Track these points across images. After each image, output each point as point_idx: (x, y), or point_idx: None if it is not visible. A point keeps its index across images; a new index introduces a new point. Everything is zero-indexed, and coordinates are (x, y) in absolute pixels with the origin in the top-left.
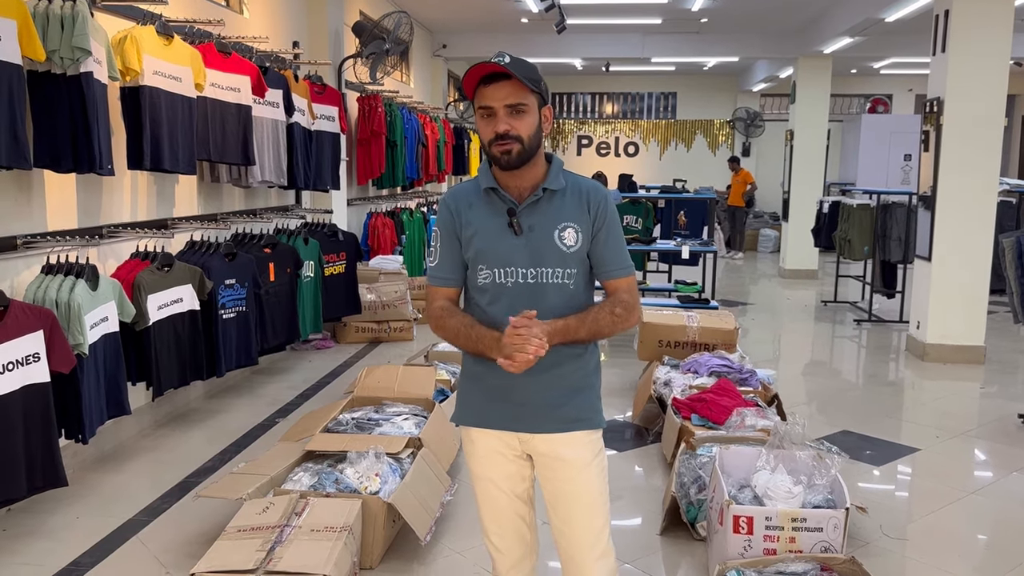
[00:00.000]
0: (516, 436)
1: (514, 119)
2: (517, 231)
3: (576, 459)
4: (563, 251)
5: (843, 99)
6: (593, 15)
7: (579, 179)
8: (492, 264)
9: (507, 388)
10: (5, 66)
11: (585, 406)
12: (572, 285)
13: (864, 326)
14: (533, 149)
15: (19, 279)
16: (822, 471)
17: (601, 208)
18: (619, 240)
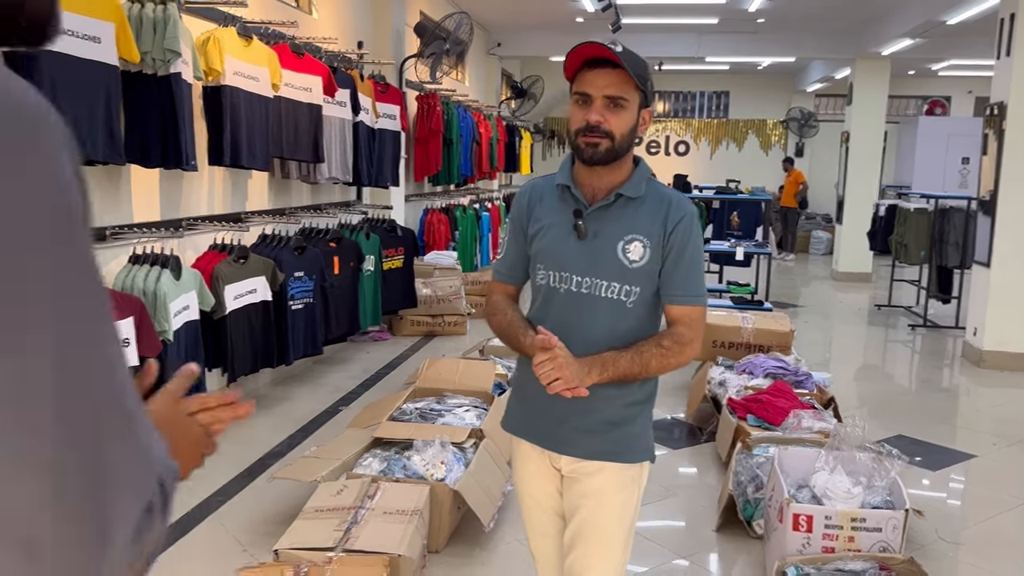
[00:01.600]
0: (549, 453)
1: (610, 112)
2: (581, 235)
3: (596, 491)
4: (624, 265)
5: (900, 100)
6: (649, 15)
7: (664, 190)
8: (549, 265)
9: (545, 404)
10: (103, 67)
11: (620, 439)
12: (630, 305)
13: (919, 331)
14: (623, 149)
15: (107, 268)
16: (881, 473)
17: (681, 225)
18: (692, 264)
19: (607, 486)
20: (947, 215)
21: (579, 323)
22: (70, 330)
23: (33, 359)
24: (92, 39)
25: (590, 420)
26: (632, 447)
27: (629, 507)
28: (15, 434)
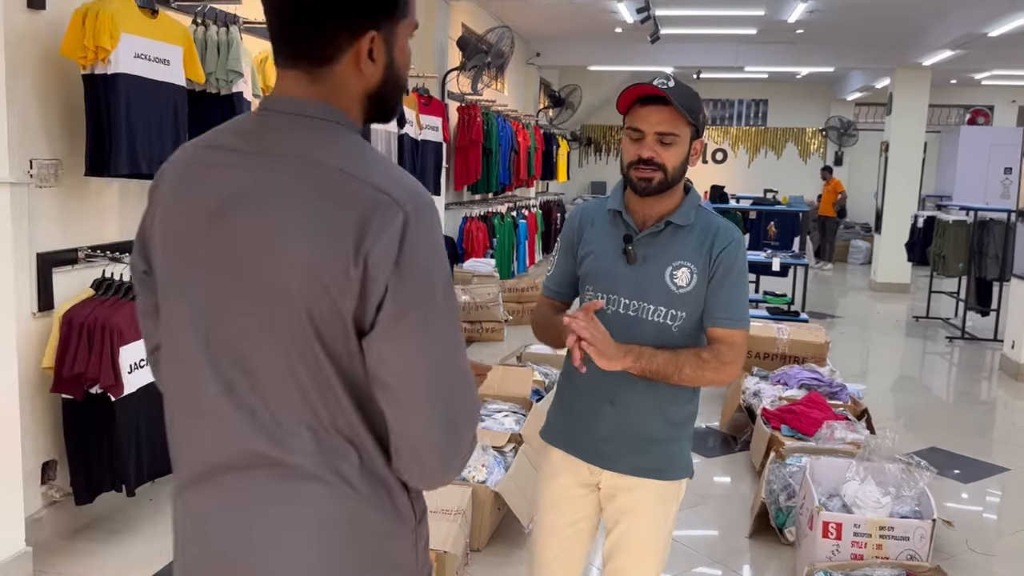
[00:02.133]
0: (588, 466)
1: (662, 148)
2: (630, 259)
3: (636, 505)
4: (671, 290)
5: (942, 109)
6: (688, 25)
7: (713, 217)
8: (598, 287)
9: (590, 418)
10: (173, 87)
11: (661, 456)
12: (676, 328)
13: (956, 343)
14: (675, 180)
15: None
16: (910, 483)
17: (726, 251)
18: (736, 289)
19: (646, 501)
20: (986, 227)
21: (625, 340)
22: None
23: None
24: (163, 62)
25: (633, 437)
26: (672, 465)
27: (667, 521)
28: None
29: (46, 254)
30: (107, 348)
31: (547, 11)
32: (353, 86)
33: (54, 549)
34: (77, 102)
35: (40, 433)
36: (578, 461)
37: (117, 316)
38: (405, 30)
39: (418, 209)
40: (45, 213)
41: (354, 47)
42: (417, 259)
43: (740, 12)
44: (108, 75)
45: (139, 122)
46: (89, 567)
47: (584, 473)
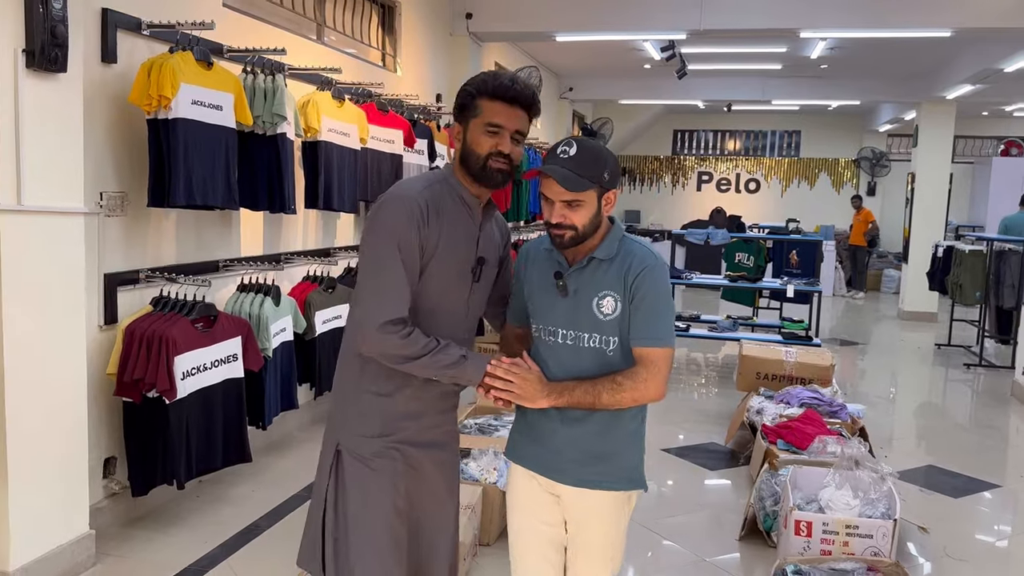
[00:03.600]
0: (545, 479)
1: (570, 211)
2: (563, 293)
3: (587, 514)
4: (599, 318)
5: (975, 141)
6: (713, 62)
7: (634, 247)
8: (539, 320)
9: (543, 434)
10: (224, 130)
11: (607, 471)
12: (611, 353)
13: (975, 371)
14: (588, 233)
15: (219, 295)
16: (877, 485)
17: (639, 278)
18: (654, 311)
19: (596, 511)
20: (1003, 257)
21: (569, 367)
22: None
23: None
24: (216, 107)
25: (580, 452)
26: (619, 478)
27: (617, 529)
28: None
29: (112, 274)
30: (163, 357)
31: (578, 49)
32: (455, 154)
33: (113, 535)
34: (141, 142)
35: (103, 432)
36: (537, 475)
37: (173, 329)
38: (475, 126)
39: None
40: (111, 239)
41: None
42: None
43: (763, 49)
44: (169, 120)
45: (195, 160)
46: (143, 551)
47: (544, 484)
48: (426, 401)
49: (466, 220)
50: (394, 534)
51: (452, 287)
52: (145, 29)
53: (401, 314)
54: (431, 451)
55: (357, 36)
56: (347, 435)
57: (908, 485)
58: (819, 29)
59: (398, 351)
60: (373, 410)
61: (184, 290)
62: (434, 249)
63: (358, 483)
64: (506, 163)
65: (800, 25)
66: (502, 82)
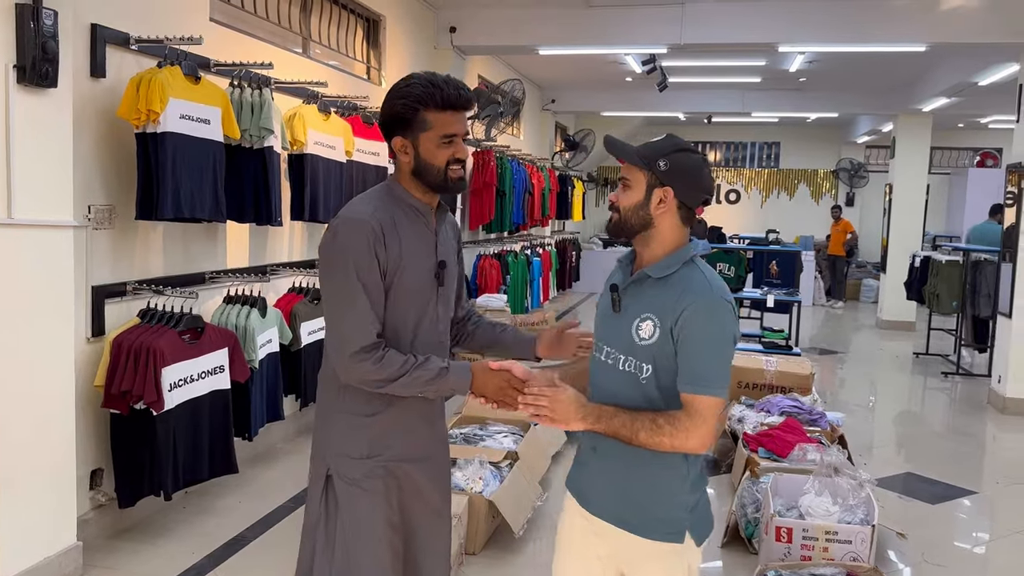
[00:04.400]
0: (583, 510)
1: (622, 191)
2: (615, 308)
3: (627, 559)
4: (634, 341)
5: (952, 152)
6: (693, 75)
7: (694, 274)
8: (595, 332)
9: (583, 461)
10: (212, 143)
11: (640, 512)
12: (643, 380)
13: (952, 379)
14: (631, 225)
15: (206, 307)
16: (855, 491)
17: (688, 311)
18: (701, 352)
19: (634, 558)
20: (979, 267)
21: (606, 389)
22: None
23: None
24: (204, 121)
25: (611, 486)
26: (654, 527)
27: None
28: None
29: (99, 287)
30: (150, 369)
31: (560, 63)
32: (402, 167)
33: (100, 546)
34: (129, 156)
35: (90, 444)
36: (580, 508)
37: (160, 341)
38: (428, 140)
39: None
40: (99, 251)
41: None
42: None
43: (743, 62)
44: (157, 133)
45: (183, 173)
46: (130, 563)
47: (587, 520)
48: (412, 416)
49: (422, 229)
50: (392, 549)
51: (419, 298)
52: (133, 44)
53: (370, 340)
54: (422, 464)
55: (342, 49)
56: (336, 459)
57: (887, 492)
58: (797, 43)
59: (374, 376)
60: (359, 432)
61: (171, 302)
62: (396, 266)
63: (351, 505)
64: (462, 167)
65: (778, 39)
66: (448, 92)
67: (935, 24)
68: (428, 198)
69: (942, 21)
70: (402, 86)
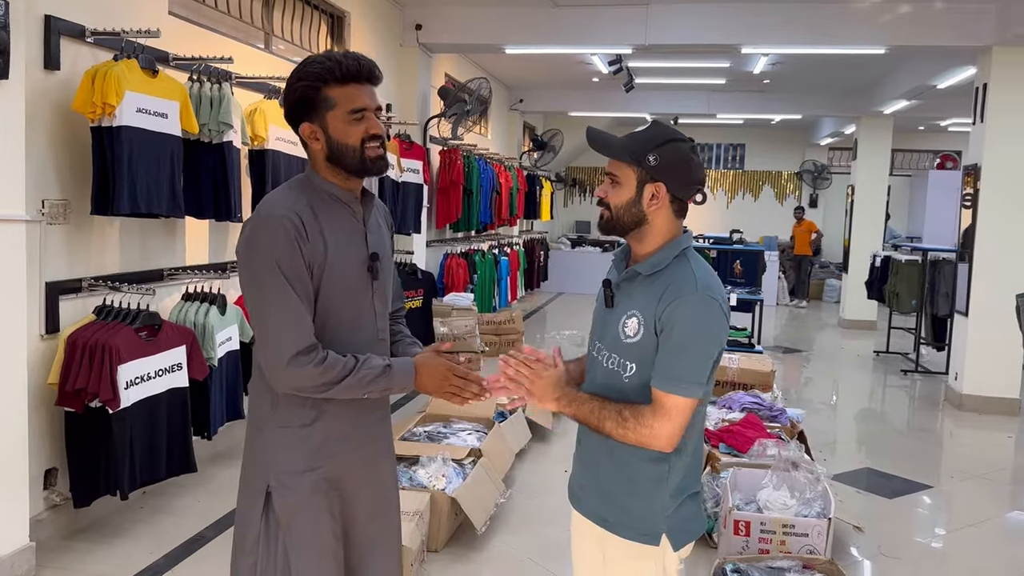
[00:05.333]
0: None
1: (610, 186)
2: (608, 303)
3: (581, 550)
4: (621, 339)
5: (912, 154)
6: (659, 76)
7: (681, 269)
8: (592, 329)
9: (574, 457)
10: (169, 138)
11: (617, 510)
12: (627, 379)
13: (911, 376)
14: (624, 223)
15: (163, 304)
16: (813, 485)
17: (671, 306)
18: (678, 348)
19: (594, 551)
20: (938, 266)
21: (594, 384)
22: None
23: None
24: (161, 115)
25: (593, 482)
26: (630, 525)
27: None
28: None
29: (53, 283)
30: (106, 366)
31: (528, 62)
32: (316, 156)
33: (54, 547)
34: (84, 150)
35: (44, 443)
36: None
37: (116, 338)
38: (336, 118)
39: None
40: (53, 247)
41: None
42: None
43: (708, 64)
44: (113, 127)
45: (139, 168)
46: (85, 563)
47: (580, 519)
48: (351, 421)
49: (348, 219)
50: (336, 559)
51: (352, 293)
52: (89, 36)
53: (307, 342)
54: (366, 471)
55: (306, 45)
56: (276, 476)
57: (847, 487)
58: (760, 45)
59: (315, 381)
60: (297, 445)
61: (128, 299)
62: (323, 260)
63: (295, 521)
64: (381, 146)
65: (741, 41)
66: (348, 63)
67: (895, 27)
68: (350, 185)
69: (901, 24)
70: (300, 68)
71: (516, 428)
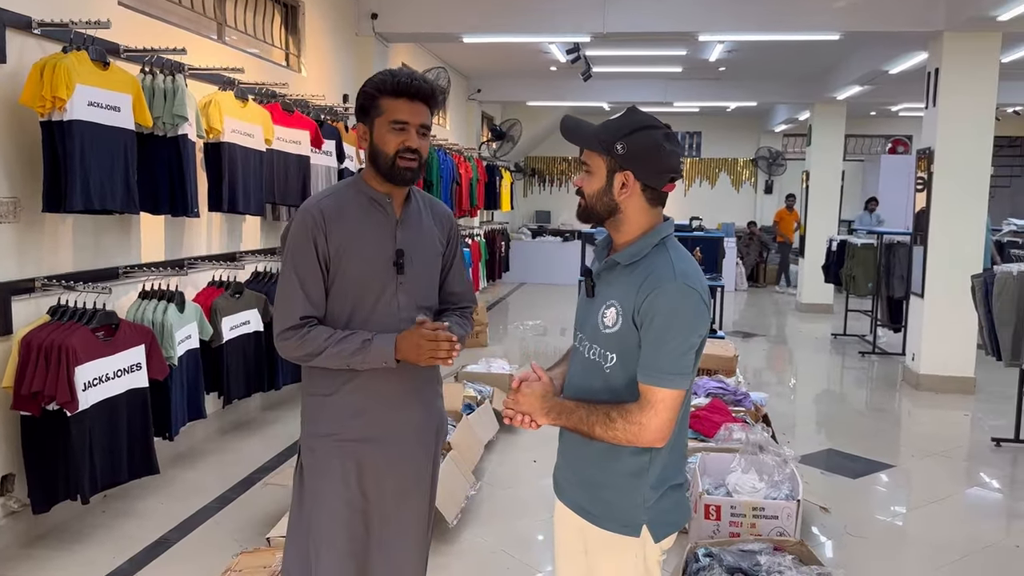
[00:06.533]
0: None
1: (585, 176)
2: (588, 294)
3: (563, 540)
4: (600, 329)
5: (865, 139)
6: (617, 64)
7: (659, 259)
8: (575, 320)
9: (560, 453)
10: (122, 132)
11: (597, 501)
12: (608, 369)
13: (869, 358)
14: (598, 212)
15: (120, 303)
16: (780, 468)
17: (649, 298)
18: (658, 340)
19: (576, 541)
20: (893, 249)
21: (576, 377)
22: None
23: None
24: (114, 109)
25: (574, 473)
26: (611, 516)
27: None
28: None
29: (5, 283)
30: (63, 368)
31: (485, 51)
32: (365, 156)
33: (12, 556)
34: (33, 145)
35: None
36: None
37: (72, 339)
38: (380, 125)
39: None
40: (3, 246)
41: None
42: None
43: (665, 52)
44: (64, 122)
45: (92, 163)
46: (45, 571)
47: (564, 510)
48: (368, 398)
49: (378, 217)
50: (350, 529)
51: (373, 283)
52: (36, 28)
53: (292, 322)
54: (383, 447)
55: (259, 36)
56: (304, 436)
57: (810, 469)
58: (716, 32)
59: (299, 352)
60: (319, 411)
61: (83, 298)
62: (342, 252)
63: (313, 479)
64: (415, 159)
65: (698, 28)
66: (402, 79)
67: (849, 13)
68: (387, 188)
69: (855, 10)
70: (370, 78)
71: (484, 419)
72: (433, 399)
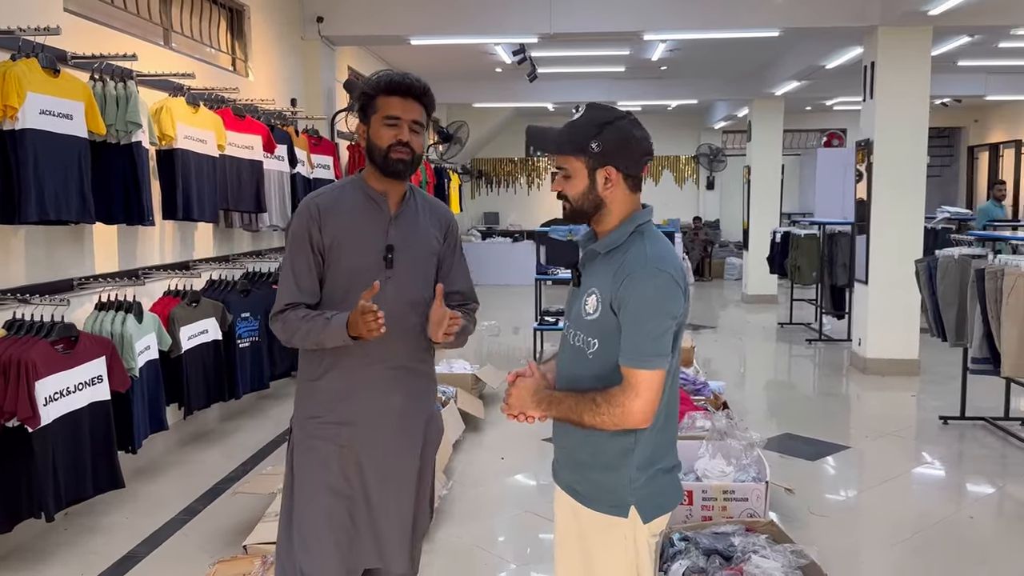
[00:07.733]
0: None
1: (564, 180)
2: (575, 283)
3: (560, 524)
4: (583, 316)
5: (801, 134)
6: (561, 65)
7: (633, 245)
8: (565, 311)
9: (555, 438)
10: (75, 140)
11: (588, 483)
12: (591, 356)
13: (816, 345)
14: (586, 211)
15: (76, 315)
16: (747, 452)
17: (626, 283)
18: (635, 323)
19: (569, 523)
20: (835, 239)
21: (564, 364)
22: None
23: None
24: (66, 117)
25: (568, 456)
26: (600, 497)
27: (602, 562)
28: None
29: None
30: (23, 383)
31: (431, 53)
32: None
33: None
34: None
35: None
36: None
37: (31, 353)
38: (376, 121)
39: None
40: None
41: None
42: None
43: (609, 52)
44: (16, 131)
45: (46, 173)
46: None
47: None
48: (352, 382)
49: (373, 213)
50: (333, 514)
51: (364, 276)
52: None
53: (279, 307)
54: (362, 431)
55: (206, 40)
56: (295, 419)
57: (769, 453)
58: (660, 31)
59: (283, 335)
60: (308, 395)
61: (40, 311)
62: (335, 244)
63: (300, 463)
64: (407, 152)
65: (643, 27)
66: (394, 77)
67: (788, 10)
68: (384, 186)
69: (794, 6)
70: (366, 79)
71: (450, 419)
72: (420, 391)
